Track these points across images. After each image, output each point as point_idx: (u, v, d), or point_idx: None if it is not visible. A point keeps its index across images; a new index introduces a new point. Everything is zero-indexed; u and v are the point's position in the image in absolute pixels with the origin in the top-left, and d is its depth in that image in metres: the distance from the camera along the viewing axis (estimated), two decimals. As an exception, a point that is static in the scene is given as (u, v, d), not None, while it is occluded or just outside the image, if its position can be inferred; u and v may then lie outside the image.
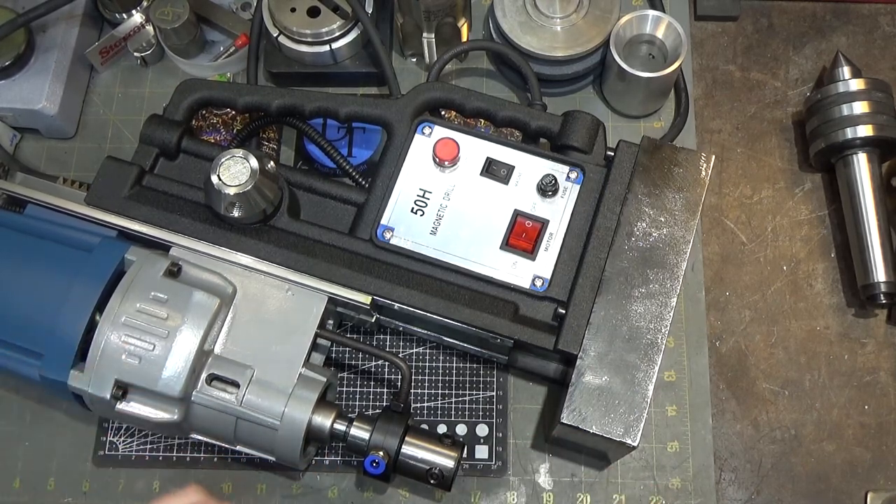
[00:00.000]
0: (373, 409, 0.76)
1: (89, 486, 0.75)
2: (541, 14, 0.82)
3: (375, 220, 0.71)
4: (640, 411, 0.64)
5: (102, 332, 0.63)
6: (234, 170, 0.67)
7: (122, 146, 0.86)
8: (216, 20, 0.88)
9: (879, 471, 0.76)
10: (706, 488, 0.74)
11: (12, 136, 0.85)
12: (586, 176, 0.72)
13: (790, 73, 0.89)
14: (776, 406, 0.77)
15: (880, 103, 0.79)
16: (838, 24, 0.91)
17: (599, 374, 0.65)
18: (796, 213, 0.84)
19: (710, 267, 0.82)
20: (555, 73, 0.83)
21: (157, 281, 0.65)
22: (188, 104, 0.76)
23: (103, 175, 0.72)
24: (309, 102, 0.76)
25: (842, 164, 0.81)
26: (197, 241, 0.70)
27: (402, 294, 0.69)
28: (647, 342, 0.66)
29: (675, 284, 0.68)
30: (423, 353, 0.78)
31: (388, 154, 0.74)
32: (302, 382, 0.66)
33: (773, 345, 0.79)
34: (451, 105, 0.76)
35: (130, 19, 0.87)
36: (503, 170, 0.73)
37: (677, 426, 0.76)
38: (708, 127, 0.87)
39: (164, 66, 0.90)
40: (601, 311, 0.67)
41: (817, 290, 0.81)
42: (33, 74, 0.83)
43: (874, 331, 0.80)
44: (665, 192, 0.71)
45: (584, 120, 0.73)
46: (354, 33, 0.84)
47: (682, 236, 0.70)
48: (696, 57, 0.89)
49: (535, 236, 0.71)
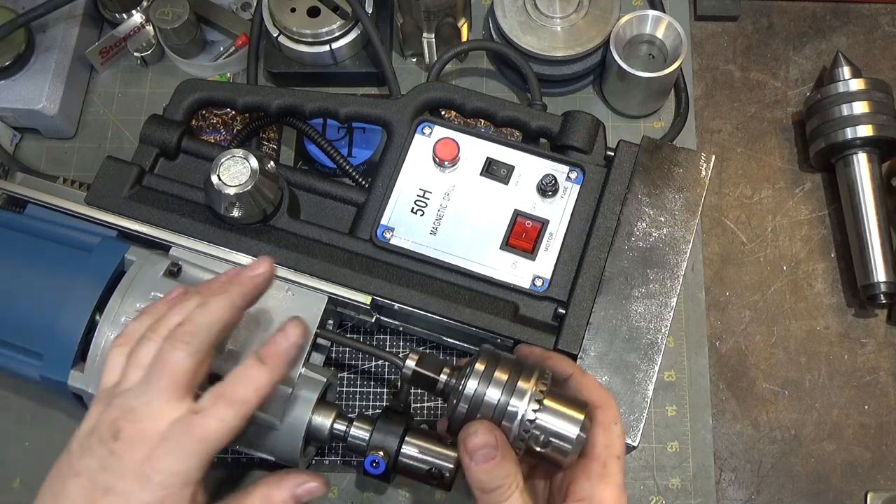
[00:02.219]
0: (373, 409, 0.76)
1: (89, 486, 0.75)
2: (541, 14, 0.82)
3: (375, 220, 0.71)
4: (640, 411, 0.64)
5: (102, 332, 0.63)
6: (234, 170, 0.67)
7: (122, 146, 0.86)
8: (216, 20, 0.88)
9: (879, 471, 0.76)
10: (706, 488, 0.74)
11: (12, 136, 0.85)
12: (586, 176, 0.72)
13: (790, 73, 0.89)
14: (776, 406, 0.77)
15: (880, 103, 0.79)
16: (838, 24, 0.91)
17: (599, 374, 0.65)
18: (796, 213, 0.84)
19: (710, 267, 0.82)
20: (555, 73, 0.83)
21: (157, 281, 0.65)
22: (188, 104, 0.76)
23: (103, 175, 0.72)
24: (309, 102, 0.76)
25: (842, 164, 0.81)
26: (197, 241, 0.70)
27: (402, 294, 0.69)
28: (647, 342, 0.66)
29: (675, 284, 0.68)
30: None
31: (388, 154, 0.74)
32: (302, 382, 0.66)
33: (773, 345, 0.79)
34: (451, 105, 0.76)
35: (130, 19, 0.87)
36: (503, 170, 0.73)
37: (677, 426, 0.76)
38: (708, 127, 0.87)
39: (164, 66, 0.90)
40: (601, 311, 0.67)
41: (817, 290, 0.81)
42: (33, 74, 0.83)
43: (874, 331, 0.80)
44: (665, 192, 0.71)
45: (584, 120, 0.73)
46: (354, 33, 0.84)
47: (682, 236, 0.70)
48: (696, 57, 0.89)
49: (535, 236, 0.71)
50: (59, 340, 0.64)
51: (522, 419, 0.49)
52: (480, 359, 0.52)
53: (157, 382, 0.53)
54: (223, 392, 0.54)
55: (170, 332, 0.55)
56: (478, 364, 0.51)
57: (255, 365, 0.55)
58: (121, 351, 0.57)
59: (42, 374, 0.65)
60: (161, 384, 0.53)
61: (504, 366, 0.51)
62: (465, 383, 0.51)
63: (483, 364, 0.51)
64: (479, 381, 0.50)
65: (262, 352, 0.56)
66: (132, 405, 0.52)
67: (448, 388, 0.53)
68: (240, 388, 0.54)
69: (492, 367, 0.51)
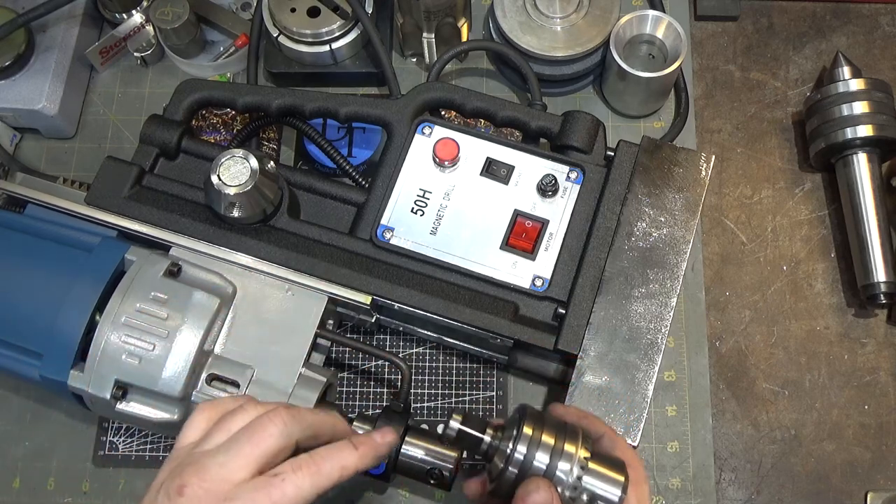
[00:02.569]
0: (373, 409, 0.76)
1: (89, 486, 0.75)
2: (541, 14, 0.82)
3: (375, 220, 0.71)
4: (640, 411, 0.64)
5: (102, 332, 0.63)
6: (234, 170, 0.67)
7: (122, 146, 0.86)
8: (216, 20, 0.88)
9: (879, 471, 0.76)
10: (706, 488, 0.74)
11: (12, 136, 0.85)
12: (586, 176, 0.72)
13: (790, 73, 0.89)
14: (776, 406, 0.77)
15: (880, 103, 0.79)
16: (838, 24, 0.91)
17: (599, 374, 0.65)
18: (796, 213, 0.84)
19: (710, 267, 0.82)
20: (555, 73, 0.83)
21: (157, 281, 0.65)
22: (188, 104, 0.76)
23: (103, 175, 0.72)
24: (309, 102, 0.76)
25: (842, 164, 0.81)
26: (197, 241, 0.70)
27: (402, 294, 0.69)
28: (647, 342, 0.66)
29: (675, 284, 0.68)
30: (423, 353, 0.78)
31: (388, 154, 0.74)
32: (302, 382, 0.66)
33: (773, 345, 0.79)
34: (451, 105, 0.76)
35: (130, 19, 0.87)
36: (503, 170, 0.73)
37: (677, 426, 0.76)
38: (708, 127, 0.87)
39: (164, 66, 0.90)
40: (601, 311, 0.67)
41: (817, 290, 0.81)
42: (33, 74, 0.83)
43: (874, 331, 0.80)
44: (665, 192, 0.71)
45: (584, 120, 0.73)
46: (354, 33, 0.84)
47: (682, 236, 0.70)
48: (696, 57, 0.89)
49: (535, 236, 0.71)
50: (59, 340, 0.64)
51: (569, 481, 0.52)
52: (527, 423, 0.53)
53: (239, 449, 0.51)
54: (310, 462, 0.52)
55: (273, 409, 0.53)
56: (525, 428, 0.53)
57: (348, 447, 0.55)
58: (206, 416, 0.55)
59: (42, 374, 0.65)
60: (243, 451, 0.51)
61: (549, 429, 0.53)
62: (514, 447, 0.53)
63: (530, 428, 0.53)
64: (529, 446, 0.52)
65: (358, 439, 0.56)
66: (205, 465, 0.51)
67: (492, 449, 0.54)
68: (327, 464, 0.53)
69: (538, 431, 0.53)
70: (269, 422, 0.52)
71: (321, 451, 0.53)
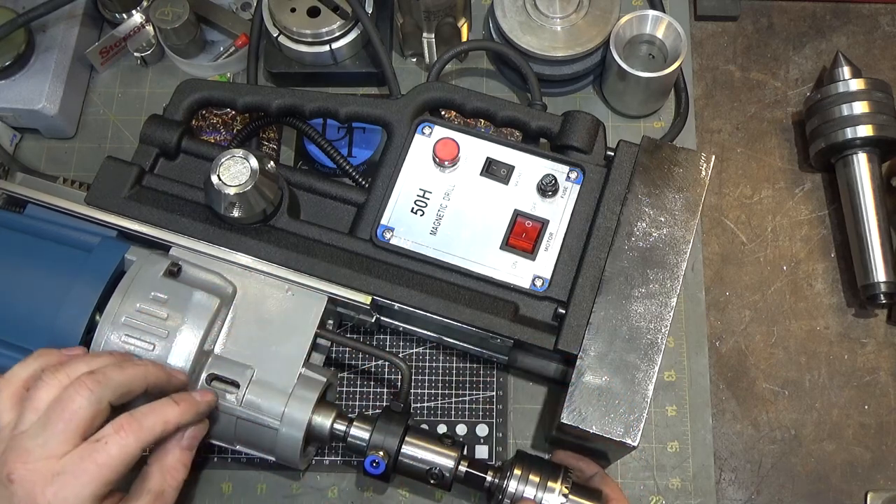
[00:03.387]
0: (373, 409, 0.76)
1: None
2: (541, 14, 0.82)
3: (375, 220, 0.71)
4: (640, 411, 0.64)
5: (102, 332, 0.63)
6: (234, 170, 0.67)
7: (122, 146, 0.86)
8: (216, 20, 0.88)
9: (879, 471, 0.76)
10: (706, 488, 0.74)
11: (12, 136, 0.86)
12: (586, 176, 0.72)
13: (790, 73, 0.89)
14: (776, 406, 0.77)
15: (880, 103, 0.79)
16: (838, 24, 0.91)
17: (599, 374, 0.65)
18: (796, 213, 0.84)
19: (710, 267, 0.82)
20: (555, 73, 0.83)
21: (157, 281, 0.66)
22: (188, 104, 0.76)
23: (103, 175, 0.72)
24: (309, 102, 0.76)
25: (842, 164, 0.81)
26: (197, 241, 0.70)
27: (402, 294, 0.69)
28: (647, 342, 0.66)
29: (675, 284, 0.68)
30: (423, 353, 0.78)
31: (388, 154, 0.74)
32: (302, 382, 0.66)
33: (773, 345, 0.79)
34: (451, 105, 0.76)
35: (130, 19, 0.87)
36: (503, 170, 0.73)
37: (677, 426, 0.76)
38: (708, 127, 0.87)
39: (164, 66, 0.90)
40: (601, 311, 0.67)
41: (817, 290, 0.81)
42: (33, 74, 0.83)
43: (874, 331, 0.80)
44: (665, 192, 0.71)
45: (584, 120, 0.73)
46: (354, 33, 0.84)
47: (682, 236, 0.70)
48: (696, 57, 0.89)
49: (535, 236, 0.71)
50: (59, 340, 0.64)
51: None
52: (517, 464, 0.66)
53: (55, 426, 0.54)
54: (131, 420, 0.55)
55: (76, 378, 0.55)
56: (515, 469, 0.66)
57: (169, 403, 0.59)
58: (7, 395, 0.57)
59: (42, 374, 0.65)
60: (58, 427, 0.54)
61: (536, 469, 0.66)
62: (507, 483, 0.65)
63: (520, 469, 0.66)
64: (518, 482, 0.65)
65: (179, 396, 0.60)
66: (27, 447, 0.53)
67: (493, 486, 0.66)
68: (149, 419, 0.56)
69: (527, 470, 0.66)
70: (76, 392, 0.55)
71: (143, 409, 0.57)
